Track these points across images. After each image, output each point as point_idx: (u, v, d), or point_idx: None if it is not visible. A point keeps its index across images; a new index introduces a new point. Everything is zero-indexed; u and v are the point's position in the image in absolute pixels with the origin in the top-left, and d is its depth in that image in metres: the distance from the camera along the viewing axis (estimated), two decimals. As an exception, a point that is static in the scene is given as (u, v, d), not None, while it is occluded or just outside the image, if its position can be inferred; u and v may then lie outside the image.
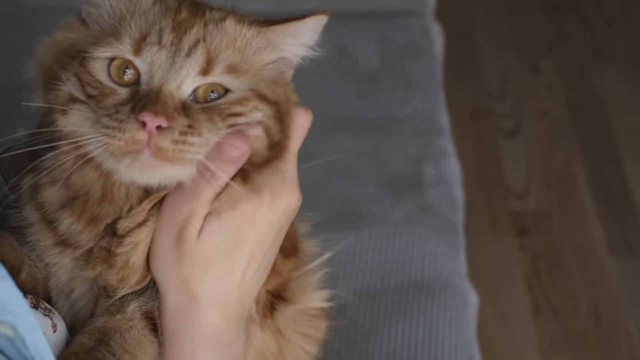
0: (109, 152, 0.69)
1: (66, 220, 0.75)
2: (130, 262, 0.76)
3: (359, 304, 1.25)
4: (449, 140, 1.59)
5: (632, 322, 2.00)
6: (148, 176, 0.71)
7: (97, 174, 0.73)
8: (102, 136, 0.69)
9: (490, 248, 2.15)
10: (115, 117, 0.69)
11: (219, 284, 0.76)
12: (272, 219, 0.77)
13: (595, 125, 2.49)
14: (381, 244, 1.34)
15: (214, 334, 0.77)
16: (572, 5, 2.88)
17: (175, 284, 0.76)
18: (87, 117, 0.71)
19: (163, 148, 0.68)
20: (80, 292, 0.78)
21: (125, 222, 0.75)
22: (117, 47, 0.71)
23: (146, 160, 0.69)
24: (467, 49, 2.69)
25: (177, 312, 0.76)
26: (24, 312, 0.63)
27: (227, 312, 0.77)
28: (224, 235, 0.76)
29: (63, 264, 0.77)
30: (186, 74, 0.71)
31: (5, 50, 1.55)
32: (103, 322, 0.74)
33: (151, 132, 0.68)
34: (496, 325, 1.98)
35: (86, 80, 0.71)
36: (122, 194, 0.74)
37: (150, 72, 0.71)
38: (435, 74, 1.71)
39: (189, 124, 0.69)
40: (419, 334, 1.22)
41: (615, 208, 2.27)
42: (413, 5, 1.83)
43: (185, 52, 0.71)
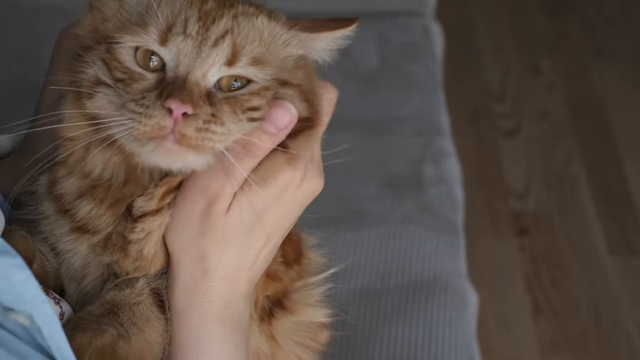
0: (133, 137, 0.70)
1: (85, 207, 0.76)
2: (144, 252, 0.76)
3: (359, 304, 1.25)
4: (449, 140, 1.59)
5: (632, 322, 2.00)
6: (170, 162, 0.72)
7: (120, 158, 0.74)
8: (127, 120, 0.70)
9: (490, 248, 2.15)
10: (141, 103, 0.70)
11: (234, 260, 0.77)
12: (297, 198, 0.78)
13: (595, 125, 2.49)
14: (381, 244, 1.34)
15: (223, 308, 0.77)
16: (572, 5, 2.88)
17: (192, 257, 0.76)
18: (112, 101, 0.72)
19: (187, 135, 0.69)
20: (92, 278, 0.79)
21: (139, 202, 0.76)
22: (143, 36, 0.72)
23: (169, 147, 0.70)
24: (467, 49, 2.69)
25: (188, 285, 0.76)
26: (40, 302, 0.64)
27: (236, 287, 0.78)
28: (251, 212, 0.76)
29: (78, 250, 0.77)
30: (212, 64, 0.72)
31: (5, 50, 1.55)
32: (112, 295, 0.74)
33: (177, 119, 0.69)
34: (496, 325, 1.98)
35: (114, 66, 0.72)
36: (146, 175, 0.75)
37: (176, 60, 0.72)
38: (435, 74, 1.71)
39: (212, 112, 0.71)
40: (419, 334, 1.22)
41: (615, 208, 2.27)
42: (413, 5, 1.83)
43: (212, 42, 0.72)
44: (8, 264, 0.64)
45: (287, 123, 0.74)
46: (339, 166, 0.83)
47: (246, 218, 0.76)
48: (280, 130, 0.74)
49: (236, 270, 0.78)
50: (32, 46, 1.57)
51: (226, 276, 0.77)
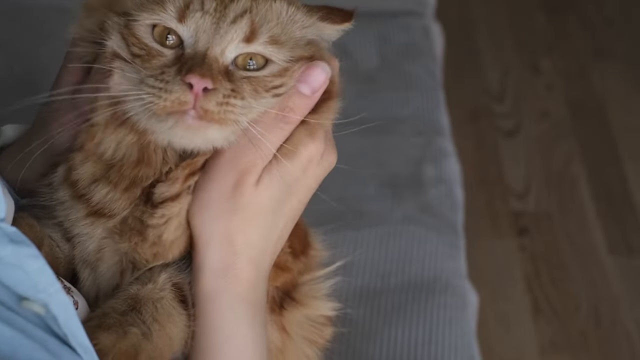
0: (152, 113, 0.70)
1: (100, 191, 0.75)
2: (163, 238, 0.76)
3: (359, 303, 1.25)
4: (449, 140, 1.59)
5: (632, 322, 2.00)
6: (190, 138, 0.72)
7: (133, 137, 0.74)
8: (146, 95, 0.70)
9: (490, 248, 2.15)
10: (161, 78, 0.70)
11: (260, 240, 0.77)
12: (318, 172, 0.79)
13: (595, 125, 2.49)
14: (381, 244, 1.34)
15: (250, 290, 0.77)
16: (572, 5, 2.88)
17: (220, 238, 0.76)
18: (129, 76, 0.72)
19: (209, 110, 0.70)
20: (107, 265, 0.78)
21: (162, 188, 0.75)
22: (161, 14, 0.73)
23: (190, 122, 0.70)
24: (467, 49, 2.69)
25: (217, 269, 0.76)
26: (55, 291, 0.64)
27: (261, 268, 0.78)
28: (281, 187, 0.76)
29: (93, 234, 0.77)
30: (230, 40, 0.72)
31: (5, 50, 1.55)
32: (135, 290, 0.74)
33: (197, 94, 0.69)
34: (496, 325, 1.98)
35: (132, 42, 0.73)
36: (159, 156, 0.75)
37: (195, 36, 0.72)
38: (435, 74, 1.71)
39: (232, 87, 0.71)
40: (419, 334, 1.22)
41: (615, 208, 2.27)
42: (413, 5, 1.83)
43: (231, 19, 0.73)
44: (23, 254, 0.64)
45: (322, 83, 0.75)
46: (339, 166, 0.83)
47: (275, 194, 0.76)
48: (314, 93, 0.75)
49: (262, 250, 0.77)
50: (32, 46, 1.57)
51: (253, 257, 0.77)
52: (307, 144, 0.77)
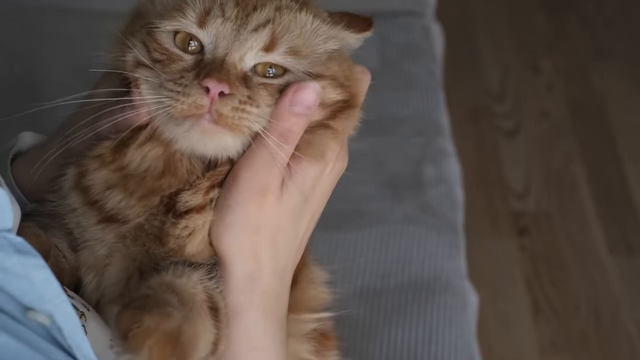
0: (170, 116, 0.71)
1: (115, 198, 0.76)
2: (186, 250, 0.75)
3: (359, 304, 1.25)
4: (449, 140, 1.59)
5: (632, 322, 2.00)
6: (205, 142, 0.73)
7: (159, 150, 0.75)
8: (165, 99, 0.71)
9: (490, 248, 2.15)
10: (179, 82, 0.71)
11: (284, 251, 0.77)
12: (332, 177, 0.80)
13: (595, 125, 2.49)
14: (381, 244, 1.34)
15: (274, 303, 0.77)
16: (572, 5, 2.88)
17: (247, 254, 0.76)
18: (151, 82, 0.73)
19: (224, 114, 0.71)
20: (114, 270, 0.78)
21: (186, 196, 0.75)
22: (182, 20, 0.74)
23: (206, 126, 0.71)
24: (467, 49, 2.69)
25: (243, 283, 0.76)
26: (61, 302, 0.64)
27: (284, 280, 0.78)
28: (300, 196, 0.77)
29: (104, 238, 0.77)
30: (249, 47, 0.73)
31: (5, 50, 1.55)
32: (170, 279, 0.73)
33: (213, 98, 0.70)
34: (496, 325, 1.98)
35: (153, 47, 0.74)
36: (185, 165, 0.75)
37: (214, 42, 0.73)
38: (435, 74, 1.71)
39: (248, 94, 0.72)
40: (419, 334, 1.22)
41: (615, 208, 2.27)
42: (413, 5, 1.83)
43: (252, 27, 0.74)
44: (29, 264, 0.64)
45: (314, 101, 0.75)
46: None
47: (295, 204, 0.77)
48: (309, 109, 0.75)
49: (285, 261, 0.78)
50: (33, 46, 1.57)
51: (277, 269, 0.77)
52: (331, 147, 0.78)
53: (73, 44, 1.58)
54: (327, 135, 0.78)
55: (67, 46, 1.58)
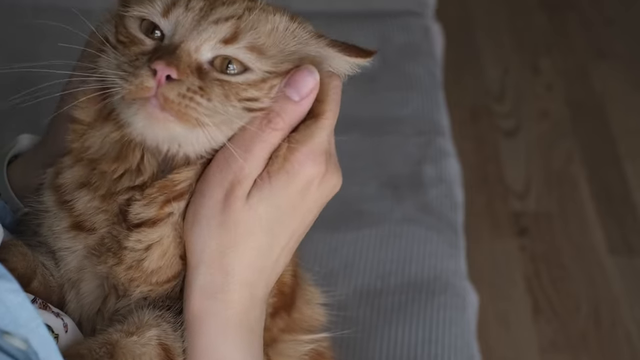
0: (121, 97, 0.71)
1: (83, 198, 0.75)
2: (144, 265, 0.74)
3: (359, 304, 1.25)
4: (449, 140, 1.59)
5: (632, 322, 2.00)
6: (151, 128, 0.71)
7: (117, 134, 0.74)
8: (119, 79, 0.70)
9: (490, 248, 2.15)
10: (134, 64, 0.71)
11: (255, 261, 0.75)
12: (319, 195, 0.76)
13: (595, 125, 2.49)
14: (381, 244, 1.34)
15: (242, 314, 0.75)
16: (572, 5, 2.88)
17: (211, 255, 0.73)
18: (109, 61, 0.73)
19: (169, 99, 0.69)
20: (89, 287, 0.77)
21: (137, 207, 0.74)
22: (149, 8, 0.74)
23: (151, 110, 0.70)
24: (467, 49, 2.69)
25: (207, 289, 0.74)
26: (37, 326, 0.64)
27: (254, 292, 0.75)
28: (273, 205, 0.74)
29: (75, 249, 0.76)
30: (207, 39, 0.72)
31: (5, 50, 1.55)
32: (117, 337, 0.71)
33: (160, 80, 0.69)
34: (496, 325, 1.98)
35: (120, 30, 0.74)
36: (136, 156, 0.74)
37: (173, 30, 0.73)
38: (435, 74, 1.71)
39: (200, 85, 0.70)
40: (419, 334, 1.22)
41: (615, 208, 2.27)
42: (413, 5, 1.83)
43: (214, 19, 0.73)
44: (3, 288, 0.63)
45: (311, 88, 0.73)
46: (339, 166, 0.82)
47: (268, 213, 0.74)
48: (303, 98, 0.73)
49: (256, 273, 0.75)
50: (32, 46, 1.57)
51: (246, 279, 0.74)
52: (304, 164, 0.74)
53: (73, 44, 1.58)
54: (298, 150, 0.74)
55: (67, 46, 1.57)
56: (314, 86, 0.74)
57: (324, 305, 0.87)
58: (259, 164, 0.73)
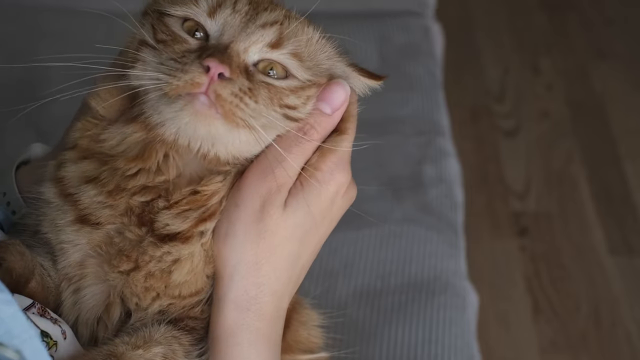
0: (163, 94, 0.70)
1: (89, 192, 0.74)
2: (172, 278, 0.73)
3: (359, 304, 1.25)
4: (449, 140, 1.59)
5: (632, 322, 2.00)
6: (195, 126, 0.70)
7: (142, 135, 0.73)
8: (162, 75, 0.70)
9: (490, 248, 2.15)
10: (181, 60, 0.70)
11: (284, 271, 0.75)
12: (342, 205, 0.78)
13: (595, 125, 2.49)
14: (381, 244, 1.34)
15: (270, 326, 0.75)
16: (572, 5, 2.88)
17: (247, 267, 0.74)
18: (150, 60, 0.72)
19: (221, 96, 0.69)
20: (91, 290, 0.76)
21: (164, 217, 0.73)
22: (193, 8, 0.74)
23: (199, 107, 0.69)
24: (467, 49, 2.69)
25: (241, 301, 0.74)
26: (29, 337, 0.64)
27: (281, 303, 0.76)
28: (307, 213, 0.75)
29: (77, 242, 0.75)
30: (255, 41, 0.73)
31: (5, 50, 1.55)
32: (123, 349, 0.71)
33: (213, 77, 0.69)
34: (496, 325, 1.98)
35: (160, 29, 0.74)
36: (159, 155, 0.73)
37: (221, 30, 0.73)
38: (435, 74, 1.71)
39: (249, 86, 0.71)
40: (419, 334, 1.22)
41: (615, 208, 2.27)
42: (413, 5, 1.83)
43: (261, 23, 0.74)
44: None
45: (343, 101, 0.74)
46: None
47: (302, 221, 0.75)
48: (335, 111, 0.74)
49: (284, 283, 0.75)
50: (32, 46, 1.57)
51: (276, 290, 0.75)
52: (334, 173, 0.76)
53: (73, 44, 1.58)
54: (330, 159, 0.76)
55: (67, 46, 1.57)
56: (345, 99, 0.75)
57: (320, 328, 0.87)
58: (294, 173, 0.75)
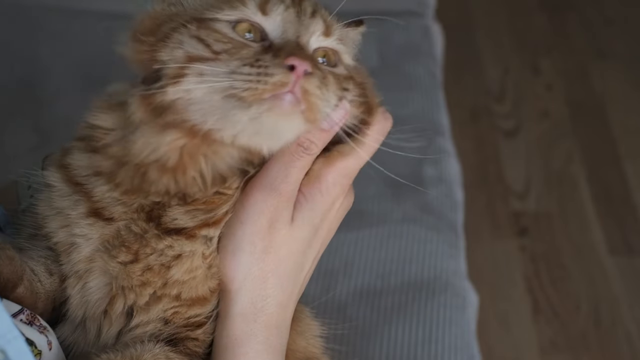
0: (238, 102, 0.69)
1: (101, 187, 0.74)
2: (171, 273, 0.73)
3: (359, 304, 1.25)
4: (449, 140, 1.59)
5: (632, 322, 2.00)
6: (277, 124, 0.70)
7: (183, 141, 0.72)
8: (240, 82, 0.69)
9: (490, 248, 2.15)
10: (257, 65, 0.69)
11: (290, 282, 0.76)
12: (342, 212, 0.79)
13: (595, 125, 2.49)
14: (381, 244, 1.34)
15: (275, 336, 0.75)
16: (572, 5, 2.88)
17: (254, 281, 0.74)
18: (217, 71, 0.70)
19: (308, 91, 0.70)
20: (96, 282, 0.75)
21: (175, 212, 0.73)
22: (244, 10, 0.73)
23: (286, 106, 0.69)
24: (467, 49, 2.69)
25: (248, 314, 0.74)
26: (14, 338, 0.64)
27: (286, 314, 0.76)
28: (311, 224, 0.76)
29: (91, 236, 0.75)
30: (313, 32, 0.74)
31: (5, 50, 1.55)
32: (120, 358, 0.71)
33: (299, 75, 0.69)
34: (496, 325, 1.98)
35: (214, 38, 0.72)
36: (200, 168, 0.73)
37: (282, 27, 0.73)
38: (435, 74, 1.71)
39: (323, 77, 0.72)
40: (419, 334, 1.22)
41: (615, 208, 2.27)
42: (413, 5, 1.83)
43: (310, 13, 0.75)
44: None
45: (341, 118, 0.75)
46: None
47: (306, 234, 0.76)
48: (333, 127, 0.74)
49: (289, 294, 0.76)
50: (32, 46, 1.57)
51: (281, 301, 0.75)
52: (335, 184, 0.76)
53: (73, 44, 1.58)
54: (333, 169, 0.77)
55: (67, 46, 1.58)
56: (344, 115, 0.75)
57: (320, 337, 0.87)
58: (296, 187, 0.75)
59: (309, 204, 0.76)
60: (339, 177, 0.77)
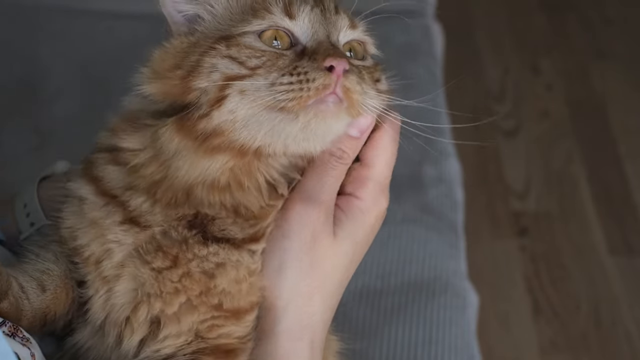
0: (287, 111, 0.68)
1: (136, 200, 0.73)
2: (216, 281, 0.71)
3: (359, 304, 1.25)
4: (449, 140, 1.59)
5: (632, 322, 2.00)
6: (323, 125, 0.70)
7: (231, 162, 0.71)
8: (284, 94, 0.68)
9: (490, 248, 2.15)
10: (296, 72, 0.69)
11: (332, 299, 0.75)
12: (378, 228, 0.79)
13: (595, 125, 2.49)
14: (381, 244, 1.34)
15: (317, 354, 0.74)
16: (572, 5, 2.88)
17: (302, 299, 0.73)
18: (258, 85, 0.69)
19: (350, 89, 0.70)
20: (123, 287, 0.74)
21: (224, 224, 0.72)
22: (270, 17, 0.73)
23: (331, 109, 0.69)
24: (467, 49, 2.69)
25: (294, 331, 0.73)
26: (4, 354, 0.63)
27: (325, 330, 0.76)
28: (354, 241, 0.76)
29: (124, 242, 0.73)
30: (340, 28, 0.75)
31: (5, 50, 1.55)
32: None
33: (339, 75, 0.69)
34: (496, 325, 1.98)
35: (247, 55, 0.71)
36: (260, 179, 0.72)
37: (311, 29, 0.73)
38: (435, 74, 1.71)
39: (358, 72, 0.73)
40: (419, 334, 1.21)
41: (615, 208, 2.27)
42: (413, 5, 1.83)
43: (333, 10, 0.75)
44: None
45: (369, 124, 0.75)
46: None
47: (349, 249, 0.75)
48: (362, 134, 0.75)
49: (330, 311, 0.75)
50: (32, 46, 1.57)
51: (324, 319, 0.75)
52: (377, 201, 0.77)
53: (73, 44, 1.58)
54: (373, 188, 0.77)
55: (67, 46, 1.57)
56: (372, 122, 0.75)
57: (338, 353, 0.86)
58: (334, 197, 0.75)
59: (350, 222, 0.76)
60: (376, 195, 0.78)
